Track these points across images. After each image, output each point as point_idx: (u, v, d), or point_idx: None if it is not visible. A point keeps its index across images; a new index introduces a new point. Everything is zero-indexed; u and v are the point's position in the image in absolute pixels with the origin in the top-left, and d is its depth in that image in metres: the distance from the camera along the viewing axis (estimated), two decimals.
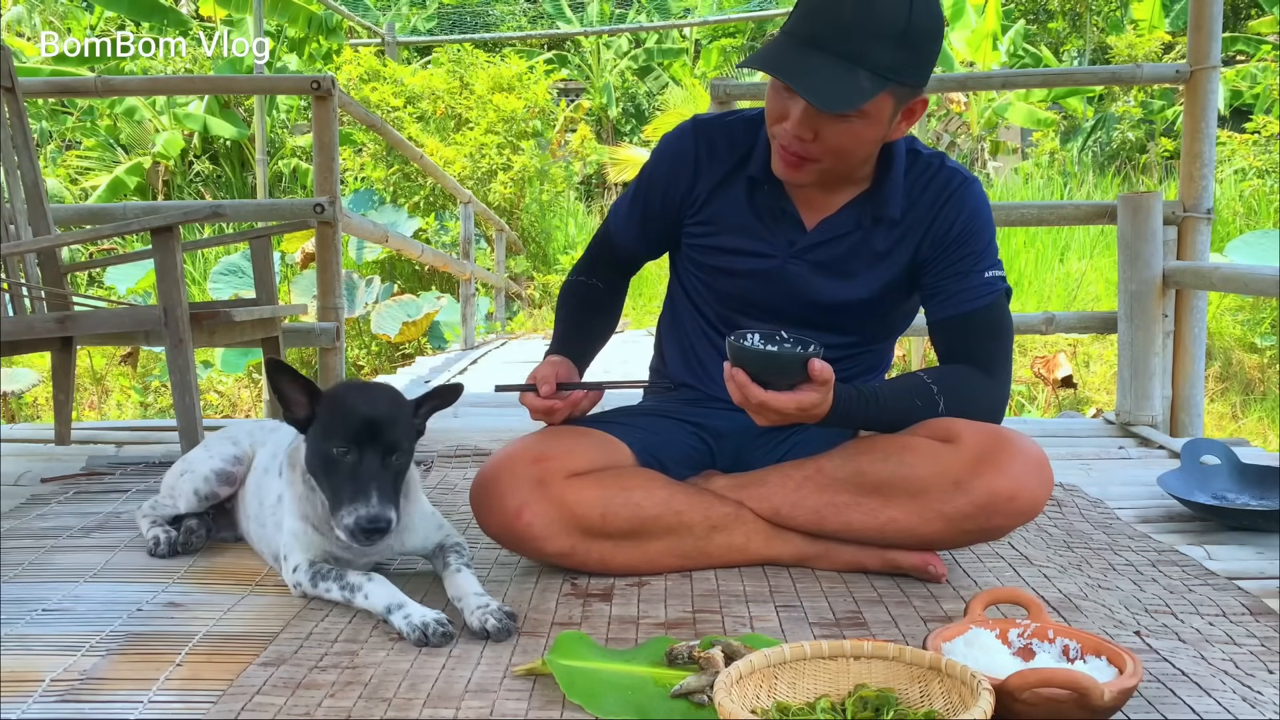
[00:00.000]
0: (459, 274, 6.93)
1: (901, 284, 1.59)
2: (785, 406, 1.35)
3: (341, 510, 1.30)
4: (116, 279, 7.84)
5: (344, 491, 1.31)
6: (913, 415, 1.49)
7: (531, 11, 15.02)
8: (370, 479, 1.30)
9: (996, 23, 11.35)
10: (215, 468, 1.64)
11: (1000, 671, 1.05)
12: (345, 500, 1.30)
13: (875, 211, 1.55)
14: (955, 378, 1.51)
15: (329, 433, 1.33)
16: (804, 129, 1.42)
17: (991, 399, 1.53)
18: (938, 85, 5.74)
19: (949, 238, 1.54)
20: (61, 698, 1.13)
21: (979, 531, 1.48)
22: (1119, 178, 11.04)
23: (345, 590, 1.38)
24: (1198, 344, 3.15)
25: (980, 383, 1.52)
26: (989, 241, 1.56)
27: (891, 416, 1.49)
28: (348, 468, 1.31)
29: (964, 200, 1.55)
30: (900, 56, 1.37)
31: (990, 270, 1.54)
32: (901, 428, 1.50)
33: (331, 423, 1.34)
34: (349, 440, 1.31)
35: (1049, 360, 6.57)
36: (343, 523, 1.30)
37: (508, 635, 1.28)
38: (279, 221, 3.42)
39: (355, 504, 1.29)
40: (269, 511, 1.52)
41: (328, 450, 1.32)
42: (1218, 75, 3.11)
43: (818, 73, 1.36)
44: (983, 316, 1.53)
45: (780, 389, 1.35)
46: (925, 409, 1.48)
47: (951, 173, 1.57)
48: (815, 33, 1.38)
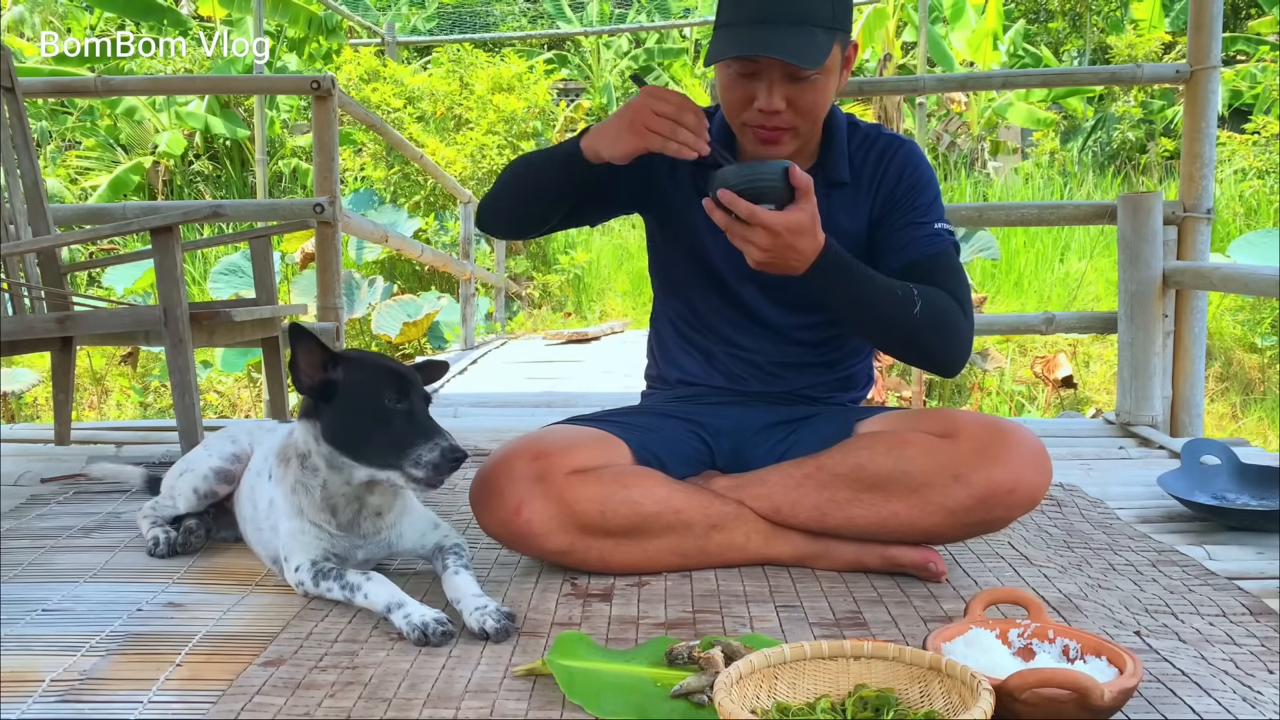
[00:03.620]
0: (459, 274, 6.93)
1: (864, 245, 1.62)
2: (774, 223, 1.35)
3: (417, 451, 1.32)
4: (115, 279, 7.83)
5: (410, 436, 1.33)
6: (890, 303, 1.47)
7: (531, 11, 15.02)
8: (430, 419, 1.36)
9: (996, 23, 11.34)
10: (214, 466, 1.65)
11: (1000, 671, 1.05)
12: (417, 442, 1.33)
13: (826, 177, 1.60)
14: (934, 294, 1.51)
15: (374, 388, 1.35)
16: (776, 100, 1.47)
17: (960, 331, 1.52)
18: (938, 85, 5.77)
19: (896, 193, 1.60)
20: (61, 698, 1.13)
21: (980, 524, 1.49)
22: (1119, 178, 11.03)
23: (346, 590, 1.38)
24: (1198, 344, 3.15)
25: (954, 310, 1.52)
26: (935, 197, 1.62)
27: (872, 291, 1.47)
28: (403, 416, 1.34)
29: (906, 159, 1.63)
30: (836, 7, 1.46)
31: (939, 223, 1.59)
32: (877, 313, 1.48)
33: (373, 379, 1.36)
34: (399, 390, 1.35)
35: (1049, 360, 6.56)
36: (424, 460, 1.32)
37: (506, 636, 1.28)
38: (279, 221, 3.42)
39: (433, 439, 1.32)
40: (263, 515, 1.52)
41: (378, 404, 1.34)
42: (1218, 75, 3.11)
43: (783, 41, 1.42)
44: (938, 261, 1.56)
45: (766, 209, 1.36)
46: (904, 302, 1.47)
47: (890, 137, 1.65)
48: (760, 12, 1.44)
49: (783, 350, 1.69)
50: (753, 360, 1.69)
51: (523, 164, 1.63)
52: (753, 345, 1.69)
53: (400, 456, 1.33)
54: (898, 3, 11.05)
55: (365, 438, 1.35)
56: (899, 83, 7.10)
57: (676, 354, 1.75)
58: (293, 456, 1.44)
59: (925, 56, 9.78)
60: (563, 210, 1.62)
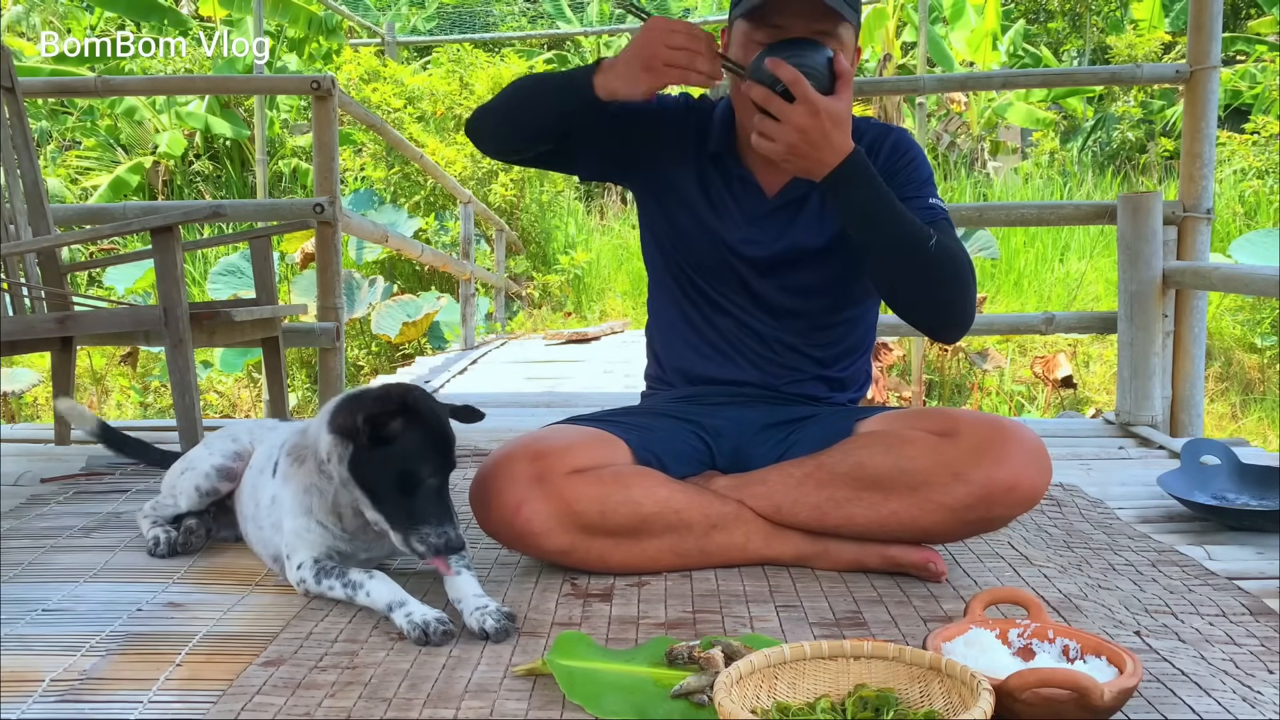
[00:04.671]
0: (459, 274, 6.93)
1: None
2: (818, 102, 1.35)
3: (425, 529, 1.32)
4: (115, 279, 7.84)
5: (425, 513, 1.33)
6: (909, 230, 1.46)
7: (531, 11, 15.01)
8: (447, 499, 1.35)
9: (996, 23, 11.34)
10: (216, 464, 1.65)
11: (1000, 671, 1.05)
12: (429, 520, 1.32)
13: None
14: (947, 236, 1.52)
15: (419, 458, 1.33)
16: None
17: (968, 283, 1.51)
18: (938, 85, 5.77)
19: (890, 172, 1.59)
20: (61, 698, 1.13)
21: (980, 522, 1.49)
22: (1119, 178, 11.04)
23: (348, 588, 1.38)
24: (1198, 344, 3.15)
25: (965, 259, 1.51)
26: (928, 177, 1.63)
27: (893, 212, 1.45)
28: (428, 491, 1.33)
29: (895, 143, 1.65)
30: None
31: (932, 199, 1.60)
32: (893, 236, 1.46)
33: (423, 450, 1.34)
34: (437, 468, 1.34)
35: (1049, 360, 6.56)
36: (428, 540, 1.32)
37: (507, 636, 1.28)
38: (279, 221, 3.42)
39: (443, 526, 1.32)
40: (265, 513, 1.52)
41: (413, 474, 1.33)
42: (1217, 75, 3.11)
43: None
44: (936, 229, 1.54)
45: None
46: (922, 232, 1.47)
47: (880, 127, 1.67)
48: None
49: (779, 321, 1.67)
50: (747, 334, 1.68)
51: (532, 82, 1.60)
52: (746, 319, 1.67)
53: (408, 527, 1.33)
54: (898, 3, 11.04)
55: (387, 494, 1.35)
56: (899, 83, 7.10)
57: (672, 339, 1.74)
58: (309, 458, 1.43)
59: (925, 56, 9.77)
60: (554, 140, 1.59)
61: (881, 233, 1.47)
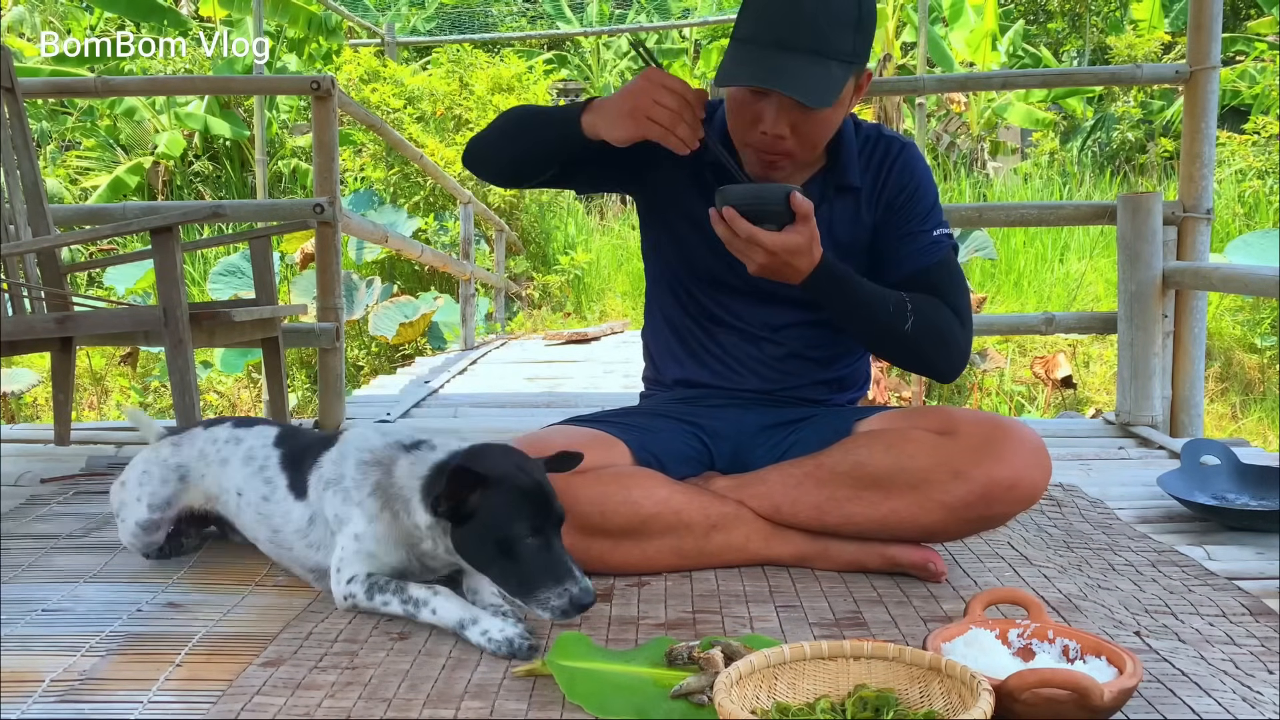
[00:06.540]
0: (459, 274, 6.92)
1: (866, 248, 1.64)
2: (772, 244, 1.40)
3: (545, 593, 1.24)
4: (115, 279, 7.84)
5: (540, 576, 1.25)
6: (883, 314, 1.52)
7: (531, 12, 15.02)
8: (564, 555, 1.27)
9: (996, 23, 11.35)
10: (140, 519, 1.56)
11: (1000, 672, 1.05)
12: (547, 583, 1.24)
13: (837, 181, 1.62)
14: (930, 306, 1.55)
15: (511, 519, 1.26)
16: (781, 127, 1.47)
17: (956, 340, 1.56)
18: (938, 85, 5.77)
19: (898, 201, 1.61)
20: (61, 698, 1.13)
21: (980, 520, 1.50)
22: (1118, 178, 11.04)
23: (408, 605, 1.33)
24: (1198, 344, 3.15)
25: (951, 320, 1.56)
26: (934, 202, 1.64)
27: (865, 305, 1.52)
28: (534, 551, 1.25)
29: (908, 164, 1.64)
30: (857, 40, 1.45)
31: (938, 229, 1.61)
32: (870, 324, 1.54)
33: (512, 511, 1.26)
34: (535, 524, 1.26)
35: (1049, 360, 6.56)
36: (551, 604, 1.24)
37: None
38: (279, 222, 3.42)
39: (564, 584, 1.23)
40: (294, 535, 1.45)
41: (511, 539, 1.25)
42: (1217, 75, 3.10)
43: (796, 73, 1.41)
44: (938, 272, 1.58)
45: (767, 229, 1.40)
46: (896, 315, 1.52)
47: (891, 139, 1.66)
48: (780, 36, 1.42)
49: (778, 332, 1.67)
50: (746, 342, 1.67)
51: (522, 117, 1.61)
52: (745, 329, 1.67)
53: (527, 595, 1.25)
54: (897, 3, 11.05)
55: (494, 563, 1.28)
56: (899, 83, 7.09)
57: (670, 343, 1.74)
58: (399, 510, 1.35)
59: (925, 57, 9.78)
60: (552, 171, 1.61)
61: (857, 322, 1.56)
